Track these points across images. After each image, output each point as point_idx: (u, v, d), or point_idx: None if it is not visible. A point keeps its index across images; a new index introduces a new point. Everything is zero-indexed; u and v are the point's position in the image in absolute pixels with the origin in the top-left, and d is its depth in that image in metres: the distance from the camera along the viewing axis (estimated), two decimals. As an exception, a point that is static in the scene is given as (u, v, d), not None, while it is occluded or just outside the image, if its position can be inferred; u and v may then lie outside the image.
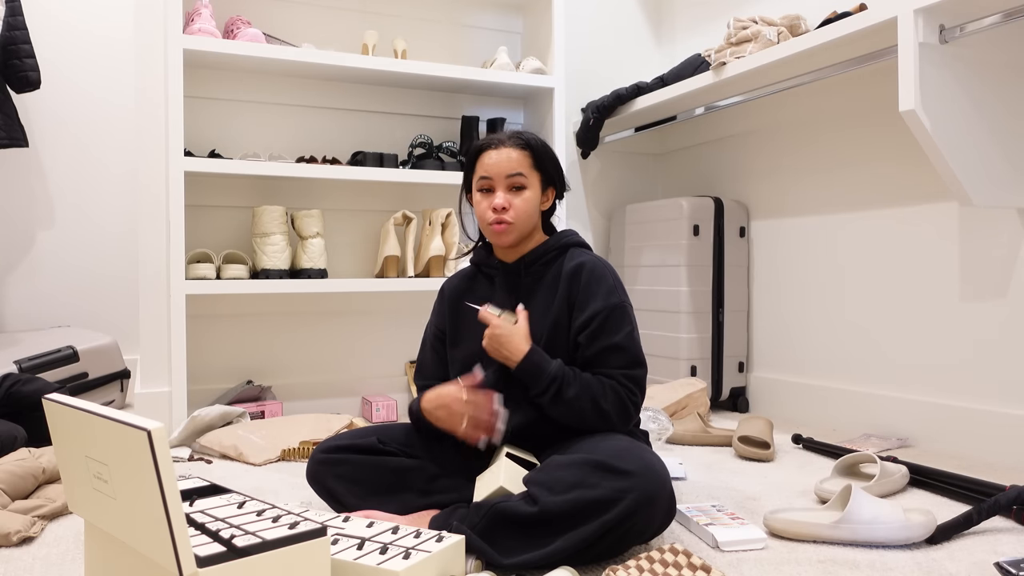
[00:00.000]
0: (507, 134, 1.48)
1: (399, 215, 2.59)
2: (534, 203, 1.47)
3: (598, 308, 1.40)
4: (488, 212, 1.45)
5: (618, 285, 1.45)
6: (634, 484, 1.17)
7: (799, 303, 2.55)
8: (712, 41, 2.96)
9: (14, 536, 1.35)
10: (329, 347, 2.73)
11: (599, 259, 1.48)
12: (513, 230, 1.45)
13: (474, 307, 1.50)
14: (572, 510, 1.16)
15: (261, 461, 1.97)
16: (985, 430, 1.97)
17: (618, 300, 1.42)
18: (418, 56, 2.86)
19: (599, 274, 1.44)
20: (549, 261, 1.49)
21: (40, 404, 2.01)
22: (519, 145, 1.46)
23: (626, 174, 3.20)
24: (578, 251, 1.49)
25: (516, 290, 1.49)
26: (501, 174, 1.44)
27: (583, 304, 1.42)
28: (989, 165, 1.82)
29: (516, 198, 1.44)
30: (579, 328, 1.41)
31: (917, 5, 1.73)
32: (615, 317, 1.40)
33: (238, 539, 0.89)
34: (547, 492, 1.19)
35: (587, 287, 1.42)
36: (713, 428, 2.21)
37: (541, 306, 1.46)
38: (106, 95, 2.88)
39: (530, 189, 1.46)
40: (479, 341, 1.48)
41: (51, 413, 0.97)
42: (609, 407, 1.36)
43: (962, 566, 1.24)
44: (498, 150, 1.45)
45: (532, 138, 1.48)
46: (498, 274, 1.52)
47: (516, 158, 1.45)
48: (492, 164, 1.45)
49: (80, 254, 2.85)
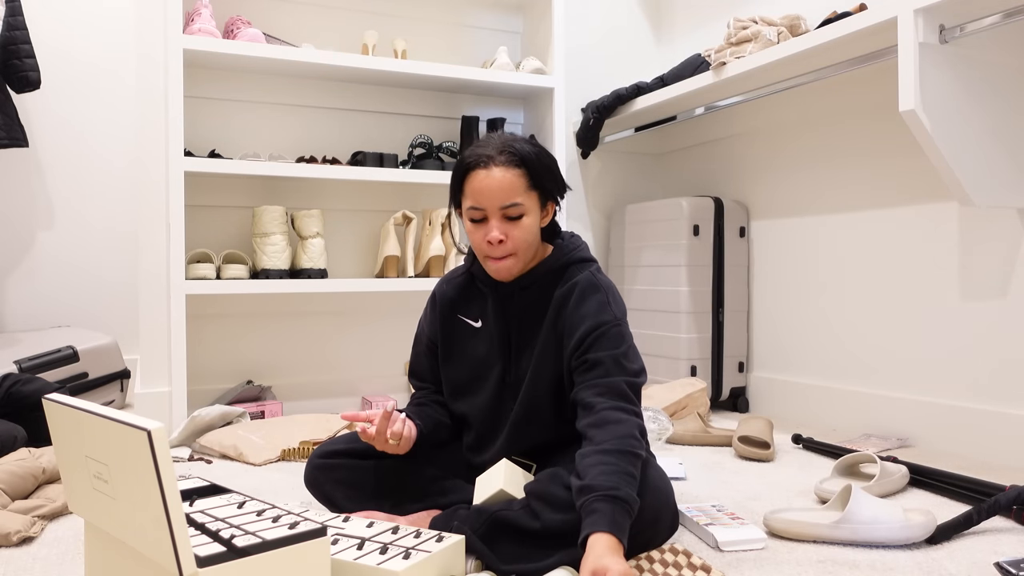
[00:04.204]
0: (497, 146, 1.29)
1: (399, 215, 2.59)
2: (534, 229, 1.31)
3: (590, 327, 1.28)
4: (483, 244, 1.30)
5: (612, 300, 1.32)
6: (640, 505, 1.15)
7: (799, 303, 2.55)
8: (712, 41, 2.96)
9: (14, 536, 1.35)
10: (329, 347, 2.73)
11: (596, 277, 1.35)
12: (514, 264, 1.31)
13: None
14: (574, 530, 1.14)
15: (261, 461, 1.97)
16: (985, 430, 1.97)
17: (611, 317, 1.28)
18: (418, 56, 2.86)
19: (592, 294, 1.31)
20: (545, 285, 1.37)
21: (40, 404, 2.01)
22: (511, 162, 1.28)
23: (626, 174, 3.20)
24: (576, 269, 1.36)
25: (508, 314, 1.38)
26: (494, 206, 1.27)
27: (572, 328, 1.29)
28: (989, 165, 1.82)
29: (514, 228, 1.29)
30: (571, 351, 1.29)
31: (917, 5, 1.73)
32: (610, 335, 1.27)
33: (238, 539, 0.89)
34: (550, 509, 1.17)
35: (576, 310, 1.30)
36: (713, 428, 2.21)
37: (533, 333, 1.36)
38: (106, 95, 2.88)
39: (529, 215, 1.30)
40: (471, 363, 1.41)
41: (51, 413, 0.97)
42: (640, 450, 1.19)
43: (962, 566, 1.24)
44: (488, 171, 1.27)
45: (525, 150, 1.30)
46: (490, 291, 1.40)
47: (509, 184, 1.27)
48: (482, 193, 1.27)
49: (80, 254, 2.84)
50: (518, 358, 1.38)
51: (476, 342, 1.42)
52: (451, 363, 1.45)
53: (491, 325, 1.40)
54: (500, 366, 1.39)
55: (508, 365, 1.39)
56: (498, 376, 1.39)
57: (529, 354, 1.36)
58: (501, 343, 1.39)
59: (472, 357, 1.42)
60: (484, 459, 1.43)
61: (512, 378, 1.39)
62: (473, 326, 1.43)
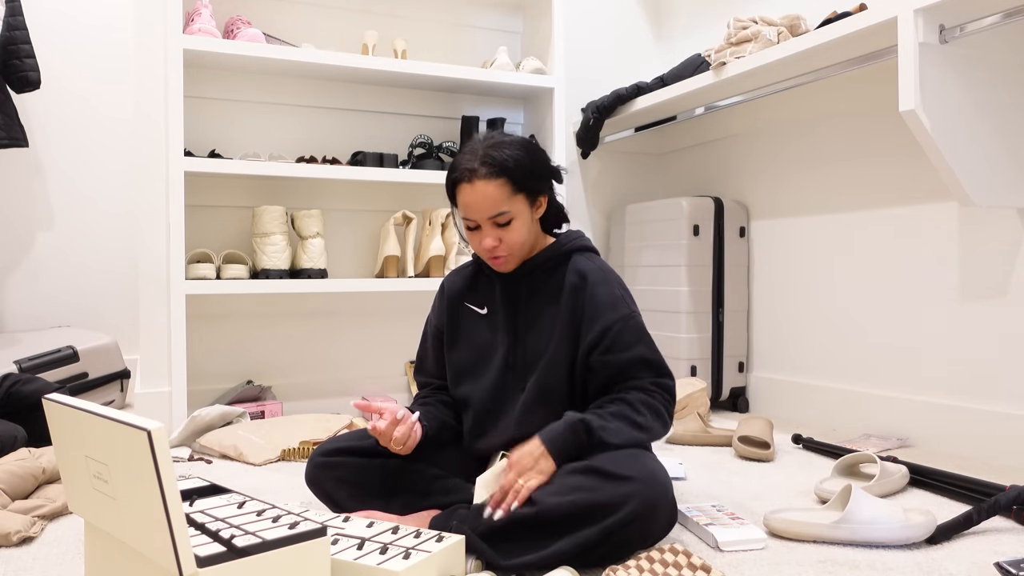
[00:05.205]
0: (479, 156, 1.33)
1: (399, 215, 2.59)
2: (526, 227, 1.38)
3: (608, 322, 1.35)
4: (480, 248, 1.38)
5: (625, 294, 1.40)
6: (636, 490, 1.17)
7: (799, 303, 2.55)
8: (712, 41, 2.96)
9: (14, 536, 1.35)
10: (329, 347, 2.73)
11: (603, 267, 1.43)
12: (512, 260, 1.39)
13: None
14: (572, 512, 1.16)
15: (261, 461, 1.97)
16: (985, 430, 1.97)
17: (628, 311, 1.37)
18: (418, 56, 2.86)
19: (604, 285, 1.38)
20: (550, 269, 1.44)
21: (40, 404, 2.01)
22: (492, 174, 1.31)
23: (626, 174, 3.20)
24: (581, 258, 1.43)
25: (515, 299, 1.44)
26: (483, 216, 1.34)
27: (591, 320, 1.36)
28: (989, 165, 1.82)
29: (506, 232, 1.35)
30: (590, 345, 1.36)
31: (917, 5, 1.73)
32: (629, 329, 1.35)
33: (238, 539, 0.89)
34: (547, 494, 1.18)
35: (592, 300, 1.37)
36: (713, 428, 2.21)
37: (543, 318, 1.41)
38: (106, 95, 2.88)
39: (518, 218, 1.35)
40: (476, 347, 1.46)
41: (51, 413, 0.97)
42: (646, 420, 1.31)
43: (962, 566, 1.24)
44: (472, 185, 1.32)
45: (504, 156, 1.33)
46: (497, 278, 1.47)
47: (492, 196, 1.32)
48: (470, 207, 1.34)
49: (80, 254, 2.84)
50: (524, 341, 1.42)
51: (481, 328, 1.47)
52: (456, 348, 1.49)
53: (497, 310, 1.45)
54: (504, 348, 1.42)
55: (513, 347, 1.42)
56: (502, 358, 1.42)
57: (537, 337, 1.40)
58: (506, 326, 1.43)
59: (477, 342, 1.46)
60: (487, 443, 1.44)
61: (517, 360, 1.42)
62: (479, 313, 1.48)
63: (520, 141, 1.38)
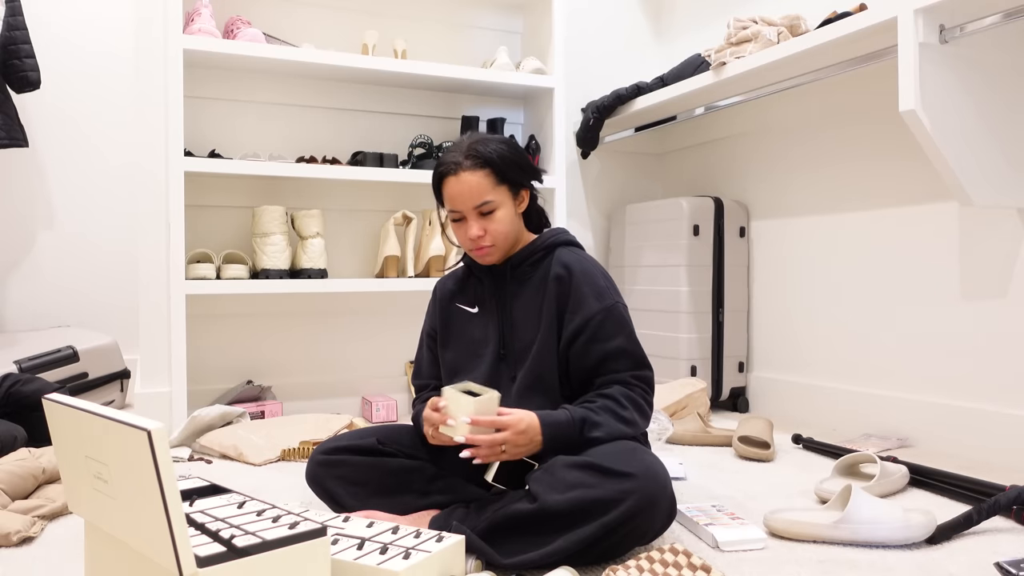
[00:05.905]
0: (463, 150, 1.40)
1: (399, 215, 2.59)
2: (509, 218, 1.42)
3: (591, 312, 1.38)
4: (466, 241, 1.43)
5: (609, 285, 1.42)
6: (635, 486, 1.17)
7: (799, 303, 2.55)
8: (712, 41, 2.96)
9: (14, 536, 1.35)
10: (329, 347, 2.73)
11: (587, 259, 1.46)
12: (496, 251, 1.43)
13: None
14: (572, 508, 1.16)
15: (261, 461, 1.97)
16: (985, 430, 1.97)
17: (611, 301, 1.39)
18: (418, 56, 2.86)
19: (588, 276, 1.41)
20: (536, 262, 1.47)
21: (40, 404, 2.01)
22: (476, 165, 1.38)
23: (626, 174, 3.20)
24: (566, 251, 1.46)
25: (503, 293, 1.47)
26: (467, 206, 1.39)
27: (574, 308, 1.39)
28: (989, 165, 1.82)
29: (490, 223, 1.40)
30: (573, 334, 1.39)
31: (917, 5, 1.73)
32: (612, 320, 1.38)
33: (238, 539, 0.89)
34: (547, 490, 1.19)
35: (577, 290, 1.40)
36: (713, 428, 2.21)
37: (528, 309, 1.44)
38: (106, 95, 2.88)
39: (501, 208, 1.40)
40: (468, 344, 1.49)
41: (51, 413, 0.97)
42: (631, 414, 1.35)
43: (962, 566, 1.24)
44: (457, 177, 1.38)
45: (488, 150, 1.40)
46: (486, 276, 1.50)
47: (476, 184, 1.38)
48: (455, 198, 1.40)
49: (80, 254, 2.84)
50: (514, 331, 1.45)
51: (473, 326, 1.50)
52: (449, 348, 1.52)
53: (487, 306, 1.48)
54: (495, 340, 1.46)
55: (504, 338, 1.45)
56: (494, 350, 1.45)
57: (526, 327, 1.43)
58: (497, 320, 1.46)
59: (469, 339, 1.49)
60: None
61: (508, 351, 1.44)
62: (470, 312, 1.52)
63: (503, 138, 1.45)
